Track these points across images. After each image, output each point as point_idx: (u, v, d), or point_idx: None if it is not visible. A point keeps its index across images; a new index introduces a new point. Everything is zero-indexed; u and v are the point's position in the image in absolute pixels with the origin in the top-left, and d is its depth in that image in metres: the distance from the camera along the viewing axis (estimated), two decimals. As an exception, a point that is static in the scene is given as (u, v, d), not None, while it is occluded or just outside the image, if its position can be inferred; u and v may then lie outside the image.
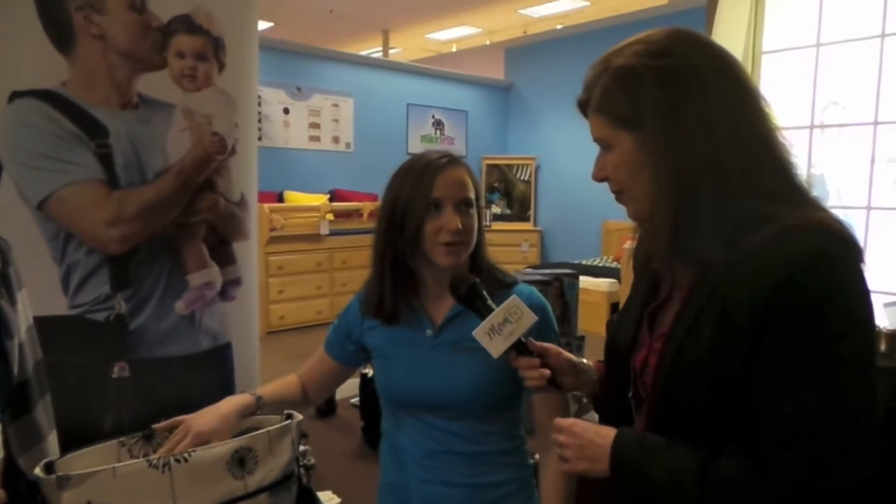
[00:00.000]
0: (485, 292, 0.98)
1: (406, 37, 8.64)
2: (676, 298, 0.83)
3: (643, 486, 0.76)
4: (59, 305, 1.43)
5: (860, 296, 0.68)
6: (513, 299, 0.92)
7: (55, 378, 1.14)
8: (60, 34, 1.35)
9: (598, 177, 0.85)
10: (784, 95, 3.35)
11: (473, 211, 1.08)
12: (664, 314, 0.85)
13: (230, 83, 1.62)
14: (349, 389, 1.35)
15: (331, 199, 6.21)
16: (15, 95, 1.32)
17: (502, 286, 1.10)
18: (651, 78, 0.75)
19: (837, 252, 0.68)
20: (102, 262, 1.46)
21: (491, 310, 0.94)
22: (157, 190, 1.51)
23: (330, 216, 5.83)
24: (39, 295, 1.38)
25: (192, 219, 1.58)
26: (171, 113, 1.52)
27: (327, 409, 1.89)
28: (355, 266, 5.76)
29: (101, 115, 1.42)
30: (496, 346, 0.92)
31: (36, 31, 1.32)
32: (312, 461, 1.54)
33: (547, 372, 0.92)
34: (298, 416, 1.04)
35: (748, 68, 3.15)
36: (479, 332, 0.92)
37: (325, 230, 5.72)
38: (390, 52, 8.70)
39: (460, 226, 1.03)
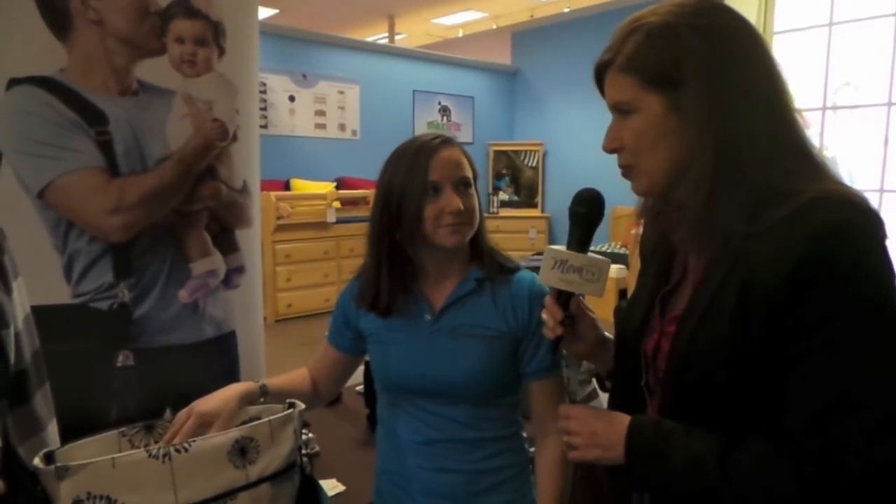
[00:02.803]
0: (594, 231, 0.88)
1: (412, 22, 8.56)
2: (690, 281, 0.80)
3: (660, 471, 0.73)
4: (62, 294, 1.42)
5: (886, 266, 0.66)
6: (603, 261, 0.83)
7: (59, 367, 1.13)
8: (57, 19, 1.33)
9: (611, 147, 0.79)
10: (796, 76, 3.29)
11: (472, 191, 1.05)
12: (676, 298, 0.82)
13: (231, 69, 1.60)
14: (354, 377, 1.34)
15: (337, 187, 6.19)
16: (13, 83, 1.31)
17: (504, 272, 1.08)
18: (695, 35, 0.71)
19: (861, 223, 0.65)
20: (105, 250, 1.45)
21: (581, 248, 0.84)
22: (159, 177, 1.50)
23: (337, 204, 5.82)
24: (42, 284, 1.37)
25: (194, 206, 1.57)
26: (171, 99, 1.50)
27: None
28: (362, 254, 5.71)
29: (100, 102, 1.40)
30: (549, 277, 0.83)
31: (33, 16, 1.30)
32: (317, 449, 1.54)
33: (559, 331, 0.87)
34: (300, 405, 1.03)
35: (759, 49, 3.10)
36: (551, 251, 0.84)
37: (331, 218, 5.71)
38: (396, 37, 8.63)
39: (462, 206, 1.00)
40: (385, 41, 8.33)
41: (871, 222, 0.66)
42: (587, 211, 0.86)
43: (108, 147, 1.42)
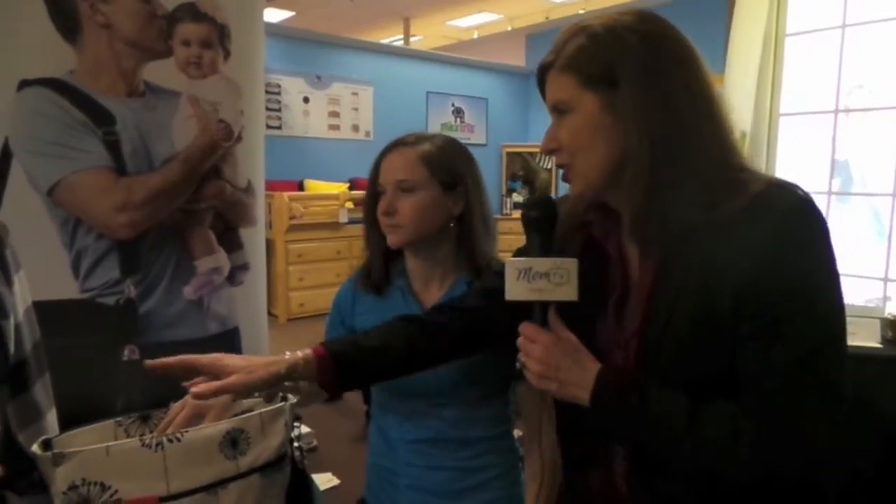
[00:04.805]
0: (556, 234, 0.84)
1: (427, 24, 8.60)
2: (642, 285, 0.78)
3: (626, 423, 0.75)
4: (69, 290, 1.46)
5: (832, 253, 0.69)
6: (568, 261, 0.77)
7: (67, 360, 1.17)
8: (67, 23, 1.37)
9: (548, 148, 0.80)
10: (808, 79, 3.26)
11: (414, 194, 1.05)
12: (631, 307, 0.80)
13: (236, 70, 1.63)
14: (354, 375, 1.36)
15: (350, 188, 6.24)
16: (24, 84, 1.35)
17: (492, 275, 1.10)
18: (634, 38, 0.74)
19: (815, 208, 0.69)
20: (111, 247, 1.49)
21: (544, 251, 0.81)
22: (164, 177, 1.54)
23: (349, 204, 5.86)
24: (50, 279, 1.42)
25: (198, 205, 1.61)
26: (177, 101, 1.54)
27: (334, 393, 1.91)
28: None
29: (108, 103, 1.44)
30: (516, 290, 0.78)
31: (42, 19, 1.34)
32: (314, 444, 1.56)
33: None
34: (292, 399, 1.05)
35: (770, 51, 3.07)
36: (513, 263, 0.79)
37: (343, 218, 5.76)
38: (411, 39, 8.67)
39: (387, 207, 1.05)
40: (400, 43, 8.38)
41: (817, 208, 0.70)
42: (540, 214, 0.83)
43: (116, 147, 1.46)
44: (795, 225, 0.67)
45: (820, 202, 0.73)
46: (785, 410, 0.67)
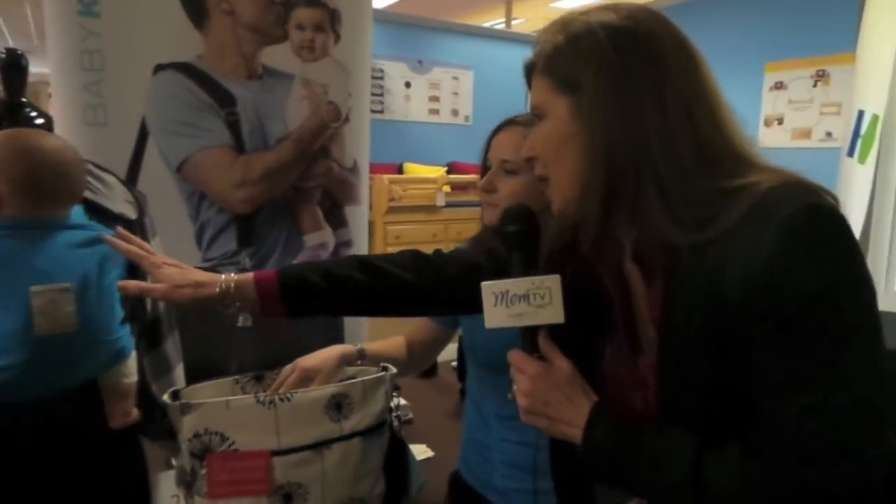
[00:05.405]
0: (537, 248, 0.76)
1: (529, 7, 8.47)
2: (652, 311, 0.69)
3: (620, 469, 0.66)
4: (194, 258, 1.59)
5: (856, 246, 0.58)
6: (549, 279, 0.69)
7: (190, 324, 1.28)
8: (196, 10, 1.48)
9: (525, 155, 0.73)
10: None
11: (518, 177, 1.02)
12: (643, 337, 0.72)
13: (345, 54, 1.69)
14: (449, 353, 1.39)
15: (448, 172, 6.30)
16: (159, 68, 1.47)
17: None
18: (605, 36, 0.65)
19: (826, 205, 0.58)
20: (230, 221, 1.60)
21: (522, 272, 0.72)
22: (278, 156, 1.63)
23: (447, 188, 5.92)
24: (179, 248, 1.54)
25: (308, 183, 1.69)
26: (291, 83, 1.62)
27: (429, 369, 1.96)
28: (470, 238, 5.82)
29: (230, 86, 1.55)
30: (496, 318, 0.71)
31: (175, 8, 1.45)
32: (410, 416, 1.62)
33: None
34: (392, 370, 1.09)
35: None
36: (488, 287, 0.70)
37: (441, 202, 5.83)
38: (513, 23, 8.59)
39: (485, 184, 1.04)
40: (502, 27, 8.32)
41: (832, 202, 0.59)
42: (518, 228, 0.74)
43: (236, 126, 1.57)
44: (801, 233, 0.56)
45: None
46: (801, 449, 0.57)
